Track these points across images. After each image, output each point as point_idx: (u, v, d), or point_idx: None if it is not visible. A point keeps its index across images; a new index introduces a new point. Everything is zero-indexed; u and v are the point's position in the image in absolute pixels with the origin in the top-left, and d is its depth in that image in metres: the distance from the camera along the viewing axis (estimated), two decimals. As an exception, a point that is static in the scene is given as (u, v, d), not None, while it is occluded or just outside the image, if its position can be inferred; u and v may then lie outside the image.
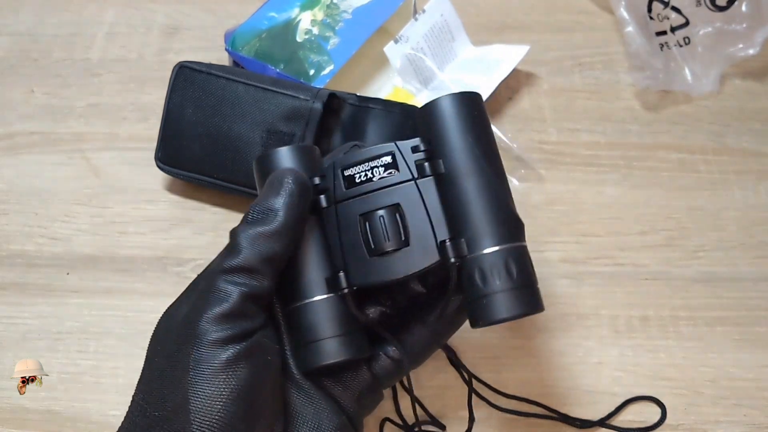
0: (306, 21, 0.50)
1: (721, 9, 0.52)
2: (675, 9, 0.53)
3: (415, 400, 0.38)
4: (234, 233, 0.30)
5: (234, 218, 0.47)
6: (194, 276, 0.44)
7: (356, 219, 0.31)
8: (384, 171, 0.31)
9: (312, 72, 0.48)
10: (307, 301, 0.31)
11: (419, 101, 0.50)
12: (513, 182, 0.49)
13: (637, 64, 0.52)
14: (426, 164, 0.31)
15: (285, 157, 0.32)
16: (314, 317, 0.30)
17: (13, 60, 0.55)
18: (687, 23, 0.53)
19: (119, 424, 0.28)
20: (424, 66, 0.51)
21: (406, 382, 0.39)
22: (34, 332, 0.43)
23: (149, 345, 0.30)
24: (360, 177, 0.31)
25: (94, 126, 0.51)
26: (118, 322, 0.43)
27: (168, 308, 0.31)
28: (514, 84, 0.54)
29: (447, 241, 0.30)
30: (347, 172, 0.31)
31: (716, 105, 0.53)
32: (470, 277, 0.29)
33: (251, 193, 0.45)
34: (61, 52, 0.55)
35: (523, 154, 0.49)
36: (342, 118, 0.47)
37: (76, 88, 0.53)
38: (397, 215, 0.30)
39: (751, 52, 0.52)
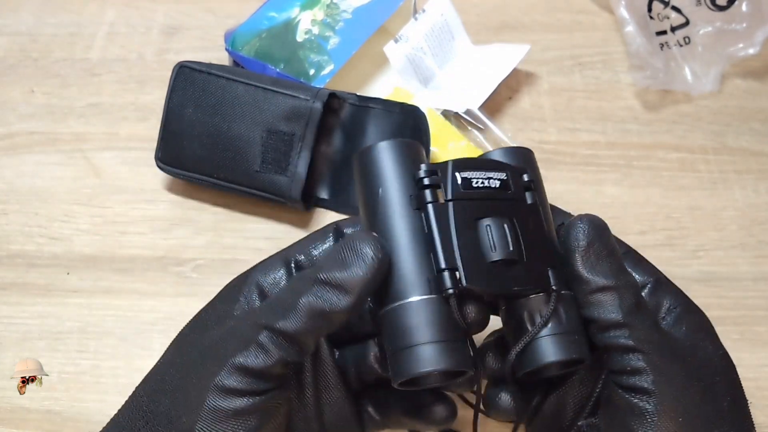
0: (306, 21, 0.50)
1: (721, 8, 0.52)
2: (675, 8, 0.53)
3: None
4: (298, 286, 0.27)
5: (234, 218, 0.47)
6: (195, 276, 0.45)
7: (474, 221, 0.29)
8: (499, 184, 0.30)
9: (312, 72, 0.48)
10: (406, 301, 0.27)
11: (419, 101, 0.50)
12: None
13: (637, 64, 0.52)
14: (529, 194, 0.30)
15: (386, 151, 0.30)
16: (413, 320, 0.27)
17: (12, 60, 0.55)
18: (687, 23, 0.53)
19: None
20: (424, 65, 0.51)
21: None
22: (34, 332, 0.43)
23: (171, 346, 0.30)
24: (477, 182, 0.29)
25: (94, 126, 0.51)
26: (118, 322, 0.43)
27: (201, 314, 0.31)
28: (514, 84, 0.54)
29: (549, 269, 0.29)
30: (464, 174, 0.29)
31: (716, 105, 0.53)
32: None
33: (251, 192, 0.45)
34: (61, 52, 0.55)
35: (523, 154, 0.49)
36: (342, 118, 0.47)
37: (76, 88, 0.53)
38: (517, 229, 0.29)
39: (751, 51, 0.52)
